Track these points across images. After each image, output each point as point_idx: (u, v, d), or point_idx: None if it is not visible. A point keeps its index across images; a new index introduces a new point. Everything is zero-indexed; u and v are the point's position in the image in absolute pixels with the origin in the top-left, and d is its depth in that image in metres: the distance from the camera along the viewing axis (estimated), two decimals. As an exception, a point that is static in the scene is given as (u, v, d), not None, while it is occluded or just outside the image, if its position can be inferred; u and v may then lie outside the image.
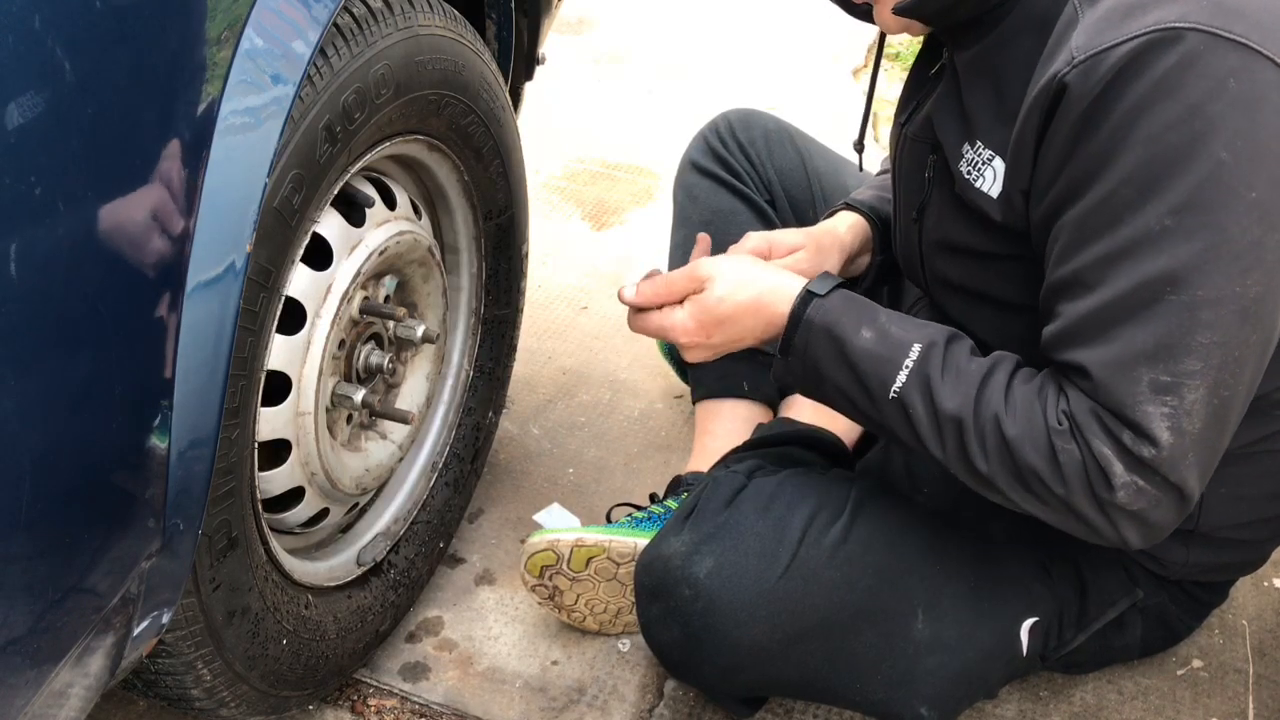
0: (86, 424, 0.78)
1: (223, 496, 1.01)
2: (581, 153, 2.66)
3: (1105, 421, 0.99)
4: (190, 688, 1.08)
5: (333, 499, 1.25)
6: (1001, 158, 1.08)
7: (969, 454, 1.04)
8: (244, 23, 0.84)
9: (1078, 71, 0.95)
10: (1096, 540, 1.05)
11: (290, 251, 1.02)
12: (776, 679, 1.21)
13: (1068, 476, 1.01)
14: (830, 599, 1.15)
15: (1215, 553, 1.27)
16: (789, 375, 1.14)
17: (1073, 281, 1.00)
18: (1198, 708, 1.42)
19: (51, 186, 0.71)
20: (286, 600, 1.17)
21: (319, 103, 0.99)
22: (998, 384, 1.05)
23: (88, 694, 0.89)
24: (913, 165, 1.24)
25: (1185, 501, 1.02)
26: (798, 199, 1.61)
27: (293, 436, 1.14)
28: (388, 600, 1.38)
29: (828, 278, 1.14)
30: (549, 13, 1.59)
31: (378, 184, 1.23)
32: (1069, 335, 1.01)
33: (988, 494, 1.08)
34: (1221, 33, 0.92)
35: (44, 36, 0.69)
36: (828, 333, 1.10)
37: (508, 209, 1.45)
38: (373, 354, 1.23)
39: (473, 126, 1.30)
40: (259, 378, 1.03)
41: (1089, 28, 0.97)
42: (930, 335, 1.08)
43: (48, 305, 0.72)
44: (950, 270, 1.21)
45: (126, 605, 0.87)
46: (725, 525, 1.14)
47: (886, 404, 1.08)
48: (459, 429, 1.50)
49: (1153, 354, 0.96)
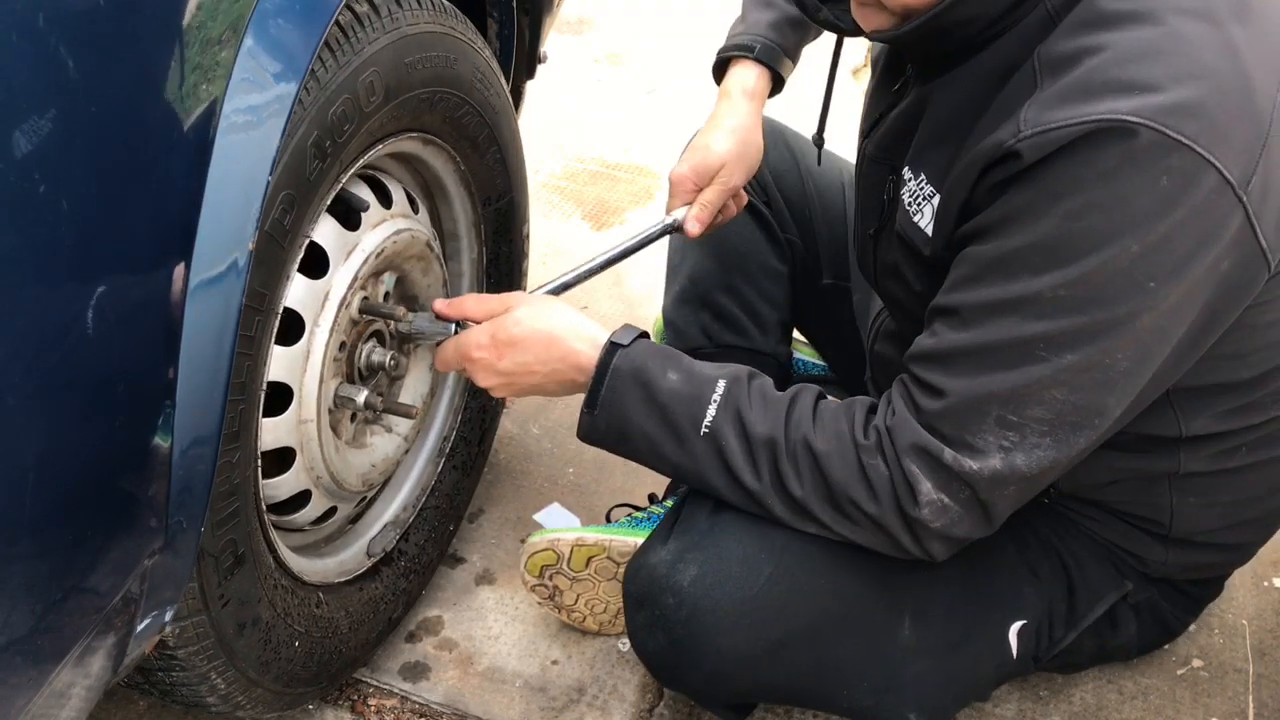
0: (89, 422, 0.78)
1: (227, 518, 1.00)
2: (581, 153, 2.65)
3: (925, 445, 1.02)
4: (205, 696, 1.10)
5: (339, 498, 1.25)
6: (939, 194, 1.09)
7: (784, 478, 1.07)
8: (247, 22, 0.84)
9: (1026, 144, 0.96)
10: (902, 556, 1.09)
11: (285, 270, 1.01)
12: (763, 686, 1.21)
13: (878, 491, 1.04)
14: (814, 606, 1.14)
15: (1197, 553, 1.28)
16: (594, 431, 1.15)
17: (956, 312, 1.03)
18: (1198, 708, 1.42)
19: (55, 185, 0.71)
20: (297, 603, 1.17)
21: (306, 120, 0.97)
22: (805, 406, 1.09)
23: (89, 693, 0.89)
24: (871, 184, 1.25)
25: (989, 521, 1.06)
26: (793, 199, 1.61)
27: (296, 444, 1.13)
28: (399, 588, 1.38)
29: (629, 329, 1.15)
30: (550, 11, 1.58)
31: (373, 182, 1.22)
32: (936, 357, 1.04)
33: (803, 526, 1.10)
34: (1171, 133, 0.92)
35: (47, 35, 0.69)
36: (635, 378, 1.11)
37: (507, 193, 1.44)
38: (374, 352, 1.23)
39: (467, 118, 1.28)
40: (258, 398, 1.03)
41: (1043, 102, 0.97)
42: (733, 371, 1.12)
43: (50, 303, 0.72)
44: (899, 293, 1.23)
45: (128, 605, 0.87)
46: (709, 533, 1.13)
47: (698, 442, 1.09)
48: (465, 412, 1.49)
49: (1007, 398, 1.00)
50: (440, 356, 1.23)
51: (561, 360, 1.15)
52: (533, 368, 1.17)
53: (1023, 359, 0.99)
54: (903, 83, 1.20)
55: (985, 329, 1.00)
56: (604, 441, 1.16)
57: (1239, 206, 0.96)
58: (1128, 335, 0.98)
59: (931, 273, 1.12)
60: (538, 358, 1.16)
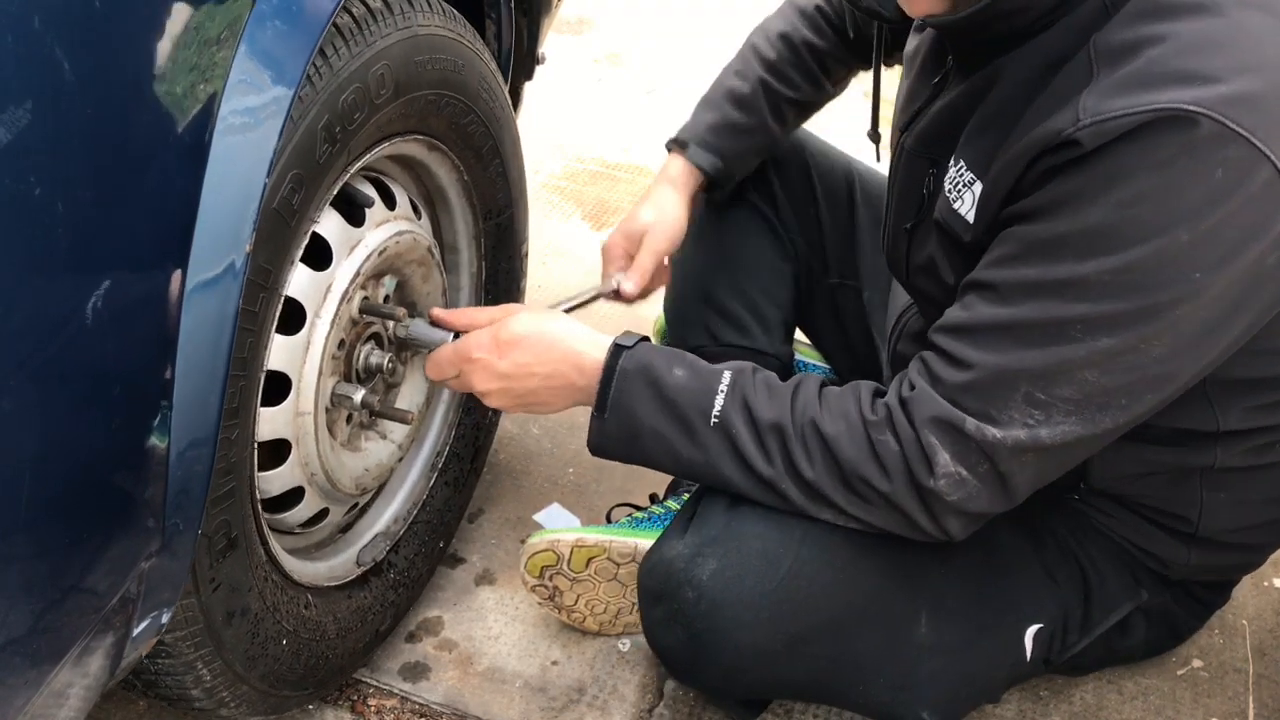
0: (86, 424, 0.78)
1: (222, 497, 1.00)
2: (581, 153, 2.66)
3: (947, 416, 1.02)
4: (190, 688, 1.08)
5: (332, 499, 1.25)
6: (981, 181, 1.09)
7: (795, 461, 1.08)
8: (244, 23, 0.84)
9: (1086, 133, 0.95)
10: (919, 537, 1.09)
11: (290, 251, 1.02)
12: (780, 681, 1.21)
13: (889, 468, 1.04)
14: (833, 601, 1.15)
15: (1218, 554, 1.27)
16: (603, 436, 1.15)
17: (993, 287, 1.02)
18: (1198, 708, 1.42)
19: (51, 185, 0.71)
20: (286, 600, 1.17)
21: (318, 103, 0.99)
22: (809, 391, 1.10)
23: (87, 694, 0.89)
24: (910, 179, 1.25)
25: (1007, 495, 1.05)
26: (797, 197, 1.61)
27: (292, 436, 1.14)
28: (387, 600, 1.38)
29: (630, 335, 1.17)
30: (549, 12, 1.59)
31: (377, 184, 1.23)
32: (967, 329, 1.03)
33: (819, 511, 1.11)
34: (1230, 124, 0.92)
35: (43, 35, 0.69)
36: (642, 376, 1.12)
37: (507, 208, 1.45)
38: (372, 354, 1.23)
39: (472, 126, 1.30)
40: (259, 377, 1.03)
41: (1102, 91, 0.96)
42: (738, 364, 1.14)
43: (47, 304, 0.72)
44: (932, 289, 1.22)
45: (126, 605, 0.87)
46: (728, 528, 1.14)
47: (708, 434, 1.10)
48: (459, 428, 1.50)
49: (1038, 374, 1.00)
50: (434, 361, 1.23)
51: (562, 360, 1.16)
52: (533, 368, 1.17)
53: (1057, 339, 0.99)
54: (943, 75, 1.20)
55: (1023, 307, 1.00)
56: (615, 445, 1.16)
57: None
58: (1166, 323, 0.97)
59: (968, 265, 1.11)
60: (538, 357, 1.17)
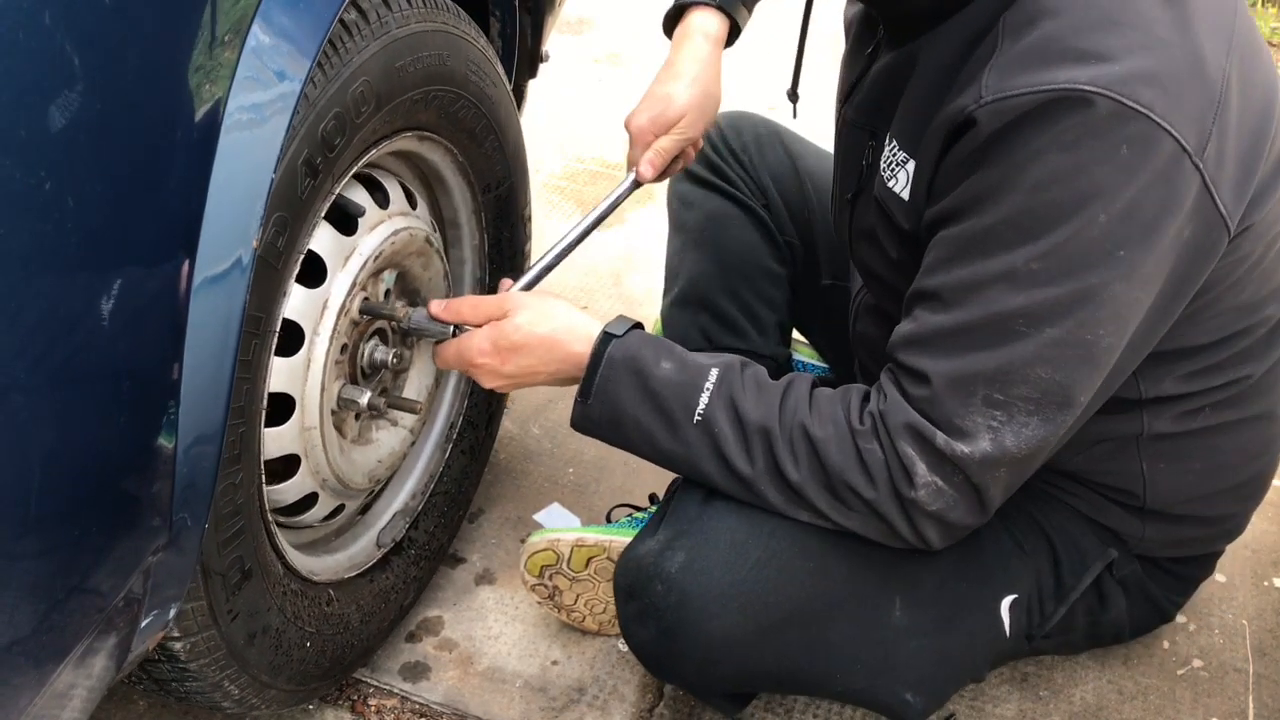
0: (93, 420, 0.78)
1: (232, 537, 1.01)
2: (581, 152, 2.66)
3: (918, 427, 1.03)
4: (220, 701, 1.11)
5: (346, 496, 1.25)
6: (914, 160, 1.11)
7: (780, 463, 1.08)
8: (250, 21, 0.84)
9: (985, 111, 0.98)
10: (896, 544, 1.10)
11: (281, 289, 1.00)
12: (756, 672, 1.20)
13: (874, 476, 1.06)
14: (804, 589, 1.15)
15: (1174, 527, 1.29)
16: (587, 420, 1.16)
17: (935, 294, 1.04)
18: (1198, 708, 1.42)
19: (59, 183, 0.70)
20: (307, 605, 1.17)
21: (296, 139, 0.94)
22: (800, 392, 1.10)
23: (91, 693, 0.89)
24: (850, 149, 1.26)
25: (983, 507, 1.07)
26: (791, 200, 1.61)
27: (301, 450, 1.13)
28: (410, 576, 1.38)
29: (623, 320, 1.17)
30: (552, 10, 1.58)
31: (369, 181, 1.20)
32: (919, 342, 1.05)
33: (796, 513, 1.11)
34: (1127, 102, 0.95)
35: (53, 32, 0.69)
36: (629, 366, 1.12)
37: (506, 179, 1.42)
38: (376, 350, 1.23)
39: (463, 111, 1.26)
40: (259, 417, 1.02)
41: (1003, 68, 0.99)
42: (726, 359, 1.13)
43: (54, 302, 0.72)
44: (872, 260, 1.24)
45: (131, 604, 0.87)
46: (698, 520, 1.14)
47: (690, 430, 1.10)
48: (471, 397, 1.48)
49: (992, 376, 1.01)
50: (441, 357, 1.23)
51: (564, 361, 1.17)
52: (537, 370, 1.18)
53: (1005, 336, 1.01)
54: (875, 45, 1.21)
55: (965, 308, 1.02)
56: (597, 429, 1.16)
57: (1196, 173, 0.98)
58: (1104, 306, 0.99)
59: (903, 241, 1.13)
60: (541, 360, 1.17)
